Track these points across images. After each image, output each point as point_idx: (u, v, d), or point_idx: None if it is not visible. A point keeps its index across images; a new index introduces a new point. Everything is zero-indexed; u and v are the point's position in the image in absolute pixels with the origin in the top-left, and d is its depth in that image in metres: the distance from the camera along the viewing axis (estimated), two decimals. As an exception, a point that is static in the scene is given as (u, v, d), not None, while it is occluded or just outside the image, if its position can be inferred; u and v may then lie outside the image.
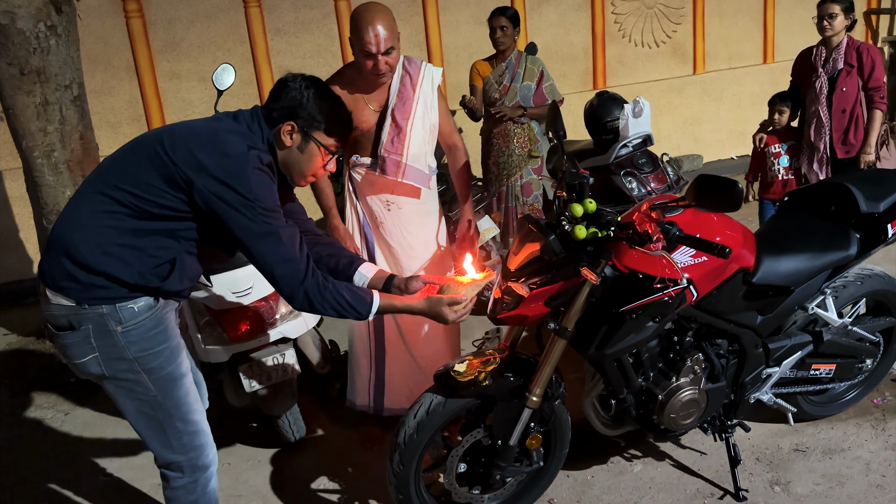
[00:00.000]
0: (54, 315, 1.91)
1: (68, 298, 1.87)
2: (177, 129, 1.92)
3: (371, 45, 2.54)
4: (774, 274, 2.48)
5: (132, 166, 1.87)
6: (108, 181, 1.87)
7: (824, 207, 2.71)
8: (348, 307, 1.97)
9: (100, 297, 1.87)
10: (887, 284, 2.83)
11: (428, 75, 2.81)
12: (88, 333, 1.89)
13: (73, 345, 1.91)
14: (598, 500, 2.67)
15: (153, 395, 1.98)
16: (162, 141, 1.85)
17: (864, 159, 3.95)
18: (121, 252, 1.86)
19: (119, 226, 1.85)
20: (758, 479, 2.68)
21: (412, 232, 2.94)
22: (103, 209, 1.85)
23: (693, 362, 2.46)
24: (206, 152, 1.82)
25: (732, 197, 1.86)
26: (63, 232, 1.88)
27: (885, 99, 3.93)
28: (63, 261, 1.86)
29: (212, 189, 1.80)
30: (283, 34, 5.74)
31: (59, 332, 1.92)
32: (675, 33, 6.85)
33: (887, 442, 2.82)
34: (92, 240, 1.85)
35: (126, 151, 1.93)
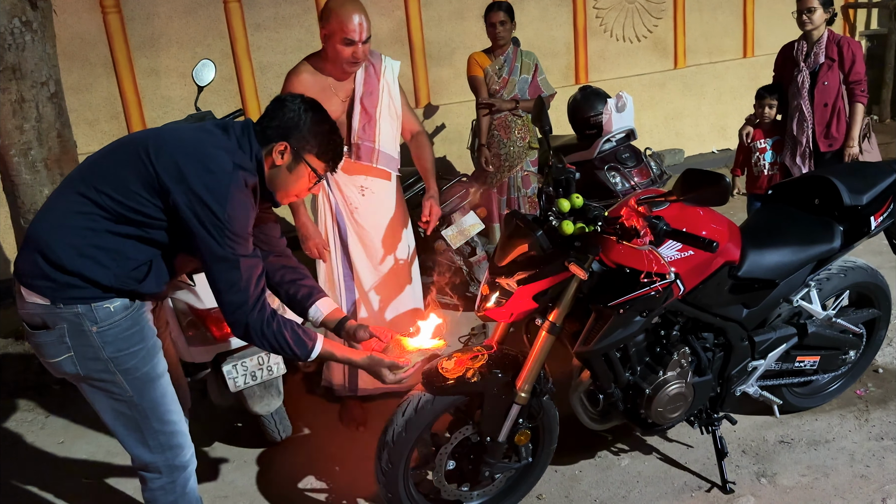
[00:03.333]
0: (29, 313, 1.88)
1: (43, 297, 1.85)
2: (164, 135, 1.91)
3: (355, 33, 2.69)
4: (759, 267, 2.49)
5: (113, 169, 1.85)
6: (87, 182, 1.85)
7: (808, 200, 2.72)
8: (287, 348, 1.96)
9: (75, 296, 1.84)
10: (870, 276, 2.86)
11: (389, 66, 2.98)
12: (63, 333, 1.87)
13: (47, 344, 1.89)
14: (586, 494, 2.67)
15: (129, 396, 1.96)
16: (147, 146, 1.83)
17: (849, 153, 3.99)
18: (96, 254, 1.84)
19: (95, 227, 1.83)
20: (744, 472, 2.70)
21: (385, 215, 3.09)
22: (80, 210, 1.83)
23: (680, 356, 2.47)
24: (190, 164, 1.80)
25: (719, 191, 1.86)
26: (39, 230, 1.86)
27: (865, 92, 3.97)
28: (38, 259, 1.83)
29: (187, 201, 1.79)
30: (264, 29, 5.68)
31: (34, 331, 1.90)
32: (656, 28, 6.87)
33: (870, 433, 2.84)
34: (68, 240, 1.83)
35: (108, 153, 1.92)
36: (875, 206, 2.62)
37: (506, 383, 2.29)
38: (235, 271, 1.85)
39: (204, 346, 2.76)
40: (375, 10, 5.85)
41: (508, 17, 4.25)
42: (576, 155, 4.14)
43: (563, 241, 2.17)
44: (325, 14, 2.78)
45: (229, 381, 2.79)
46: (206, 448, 3.17)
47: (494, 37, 4.30)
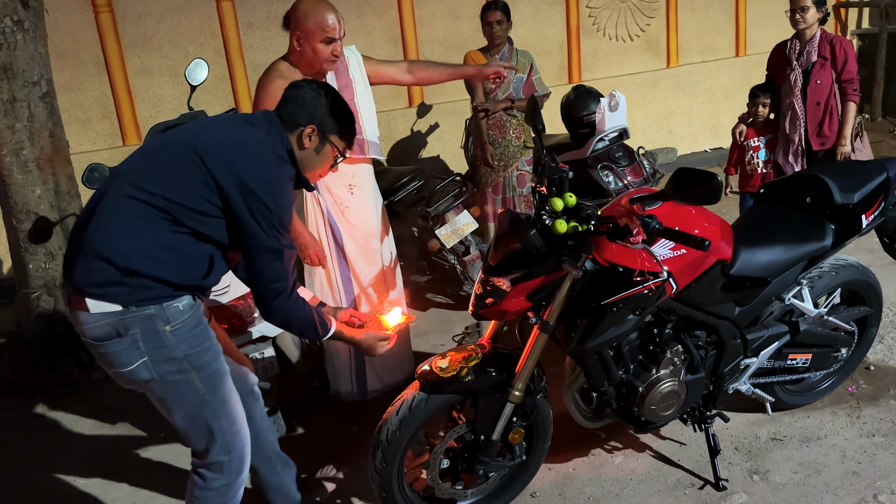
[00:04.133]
0: (97, 325, 1.87)
1: (114, 304, 1.86)
2: (212, 133, 1.98)
3: (335, 31, 2.73)
4: (752, 265, 2.50)
5: (165, 171, 1.89)
6: (139, 186, 1.87)
7: (800, 199, 2.74)
8: (314, 329, 2.09)
9: (147, 297, 1.87)
10: (861, 274, 2.87)
11: (352, 56, 3.04)
12: (136, 338, 1.88)
13: (120, 352, 1.89)
14: (579, 492, 2.68)
15: (202, 394, 1.99)
16: (194, 147, 1.89)
17: (841, 151, 4.01)
18: (162, 254, 1.88)
19: (157, 229, 1.87)
20: (737, 469, 2.71)
21: (373, 208, 3.13)
22: (139, 213, 1.86)
23: (672, 354, 2.48)
24: (241, 161, 1.88)
25: (712, 190, 1.87)
26: (100, 239, 1.86)
27: (858, 91, 3.99)
28: (105, 267, 1.84)
29: (241, 197, 1.86)
30: (256, 28, 5.67)
31: (103, 342, 1.88)
32: (648, 27, 6.89)
33: (862, 429, 2.86)
34: (134, 244, 1.86)
35: (153, 157, 1.96)
36: (866, 205, 2.63)
37: (500, 382, 2.29)
38: (280, 262, 1.94)
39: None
40: (368, 9, 5.85)
41: (505, 17, 4.26)
42: (569, 154, 4.14)
43: (556, 239, 2.17)
44: (297, 17, 2.74)
45: (223, 380, 2.78)
46: (200, 448, 3.17)
47: (491, 36, 4.31)
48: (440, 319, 4.21)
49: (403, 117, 6.05)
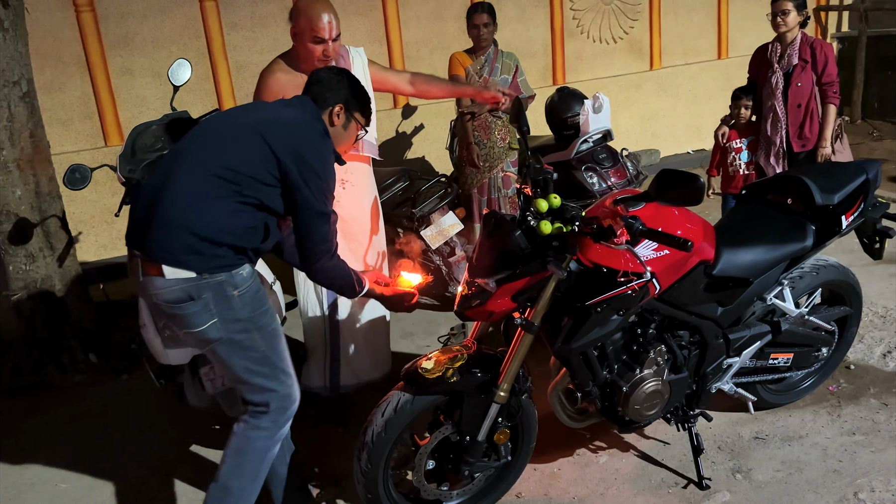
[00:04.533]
0: (171, 290, 2.09)
1: (189, 270, 2.08)
2: (265, 113, 2.24)
3: (324, 32, 2.76)
4: (734, 266, 2.53)
5: (231, 147, 2.14)
6: (208, 161, 2.11)
7: (781, 200, 2.77)
8: (351, 286, 2.36)
9: (218, 265, 2.10)
10: (841, 275, 2.91)
11: (357, 56, 3.07)
12: (208, 301, 2.10)
13: (194, 314, 2.11)
14: (564, 492, 2.69)
15: (263, 350, 2.22)
16: (255, 125, 2.15)
17: (822, 153, 4.06)
18: (233, 225, 2.11)
19: (229, 200, 2.09)
20: (720, 468, 2.73)
21: (365, 205, 3.16)
22: (211, 186, 2.08)
23: (656, 354, 2.49)
24: (298, 139, 2.15)
25: (694, 191, 1.89)
26: (180, 212, 2.07)
27: (838, 94, 4.04)
28: (186, 237, 2.06)
29: (297, 169, 2.11)
30: (240, 29, 5.64)
31: (178, 304, 2.10)
32: (632, 29, 6.93)
33: (843, 428, 2.89)
34: (210, 215, 2.08)
35: (217, 134, 2.20)
36: (846, 206, 2.66)
37: (485, 382, 2.30)
38: (327, 225, 2.21)
39: (180, 348, 2.73)
40: (353, 10, 5.84)
41: (492, 19, 4.28)
42: (553, 155, 4.17)
43: (541, 240, 2.18)
44: (294, 13, 2.85)
45: (206, 383, 2.77)
46: (184, 450, 3.15)
47: (478, 38, 4.33)
48: (425, 320, 4.20)
49: (389, 118, 6.04)
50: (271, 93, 2.95)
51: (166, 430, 3.32)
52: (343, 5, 6.03)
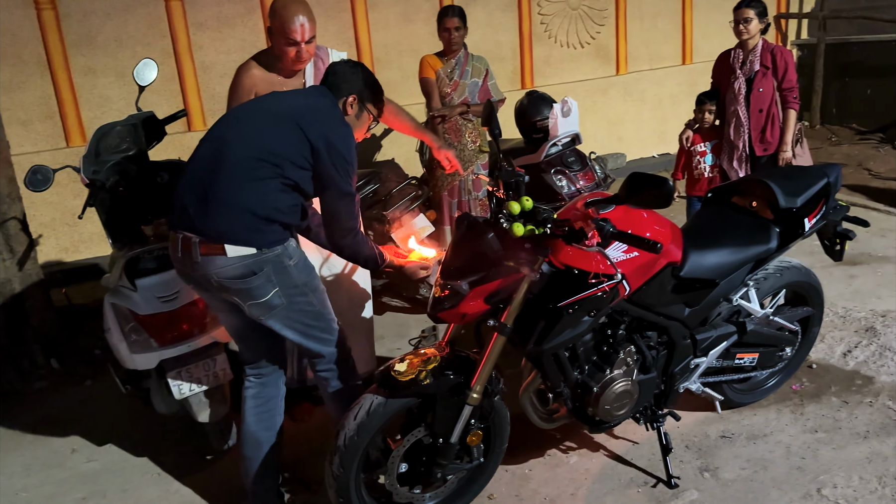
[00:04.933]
0: (233, 266, 2.26)
1: (250, 247, 2.27)
2: (297, 101, 2.40)
3: (296, 34, 2.74)
4: (700, 267, 2.57)
5: (274, 137, 2.29)
6: (253, 147, 2.27)
7: (746, 203, 2.82)
8: (373, 259, 2.53)
9: (274, 240, 2.31)
10: (804, 276, 2.98)
11: (336, 59, 3.00)
12: (270, 273, 2.30)
13: (258, 286, 2.30)
14: (535, 493, 2.70)
15: (317, 310, 2.45)
16: (295, 118, 2.30)
17: (783, 157, 4.16)
18: (280, 203, 2.30)
19: (275, 181, 2.27)
20: (688, 466, 2.77)
21: None
22: (259, 168, 2.25)
23: (625, 354, 2.53)
24: (328, 126, 2.33)
25: (664, 194, 1.91)
26: (238, 193, 2.24)
27: (798, 99, 4.14)
28: (246, 216, 2.25)
29: (328, 153, 2.28)
30: (206, 29, 5.58)
31: (243, 279, 2.27)
32: (598, 35, 7.02)
33: (805, 426, 2.96)
34: (263, 196, 2.26)
35: (255, 122, 2.34)
36: (808, 209, 2.73)
37: (458, 385, 2.30)
38: (352, 204, 2.40)
39: (147, 352, 2.69)
40: (320, 11, 5.72)
41: (462, 23, 4.29)
42: (523, 158, 4.19)
43: (513, 242, 2.20)
44: (270, 12, 2.84)
45: (173, 388, 2.73)
46: (149, 456, 3.09)
47: (449, 41, 4.33)
48: (396, 323, 4.20)
49: (357, 121, 6.02)
50: (244, 90, 2.94)
51: (131, 436, 3.26)
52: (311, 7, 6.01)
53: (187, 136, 5.44)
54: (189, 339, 2.72)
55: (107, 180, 3.27)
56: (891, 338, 3.53)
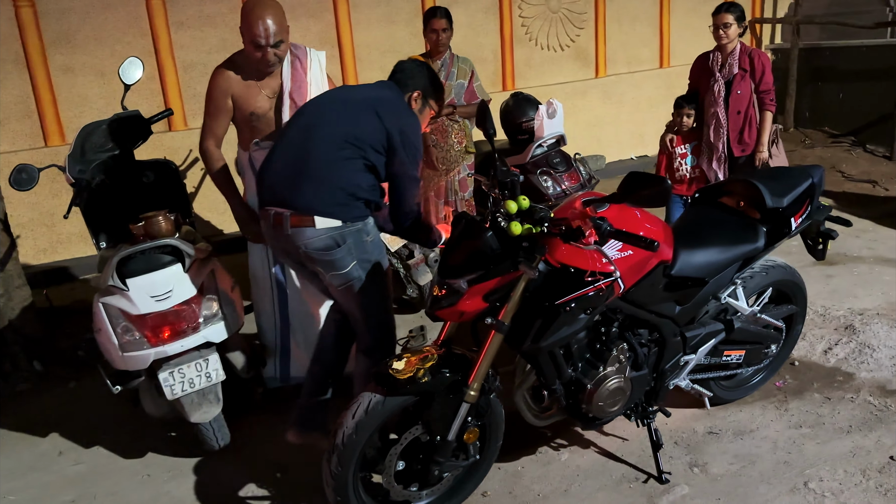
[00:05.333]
0: (320, 238, 2.51)
1: (337, 220, 2.51)
2: (378, 96, 2.62)
3: (261, 38, 2.79)
4: (691, 266, 2.62)
5: (354, 120, 2.53)
6: (339, 131, 2.51)
7: (733, 203, 2.88)
8: (430, 237, 2.81)
9: (357, 215, 2.56)
10: (789, 275, 3.04)
11: (315, 59, 3.10)
12: (351, 246, 2.54)
13: (340, 258, 2.55)
14: (528, 490, 2.73)
15: (384, 287, 2.68)
16: (374, 107, 2.55)
17: (760, 157, 4.26)
18: (363, 181, 2.55)
19: (357, 162, 2.53)
20: (677, 462, 2.82)
21: None
22: (345, 150, 2.50)
23: (618, 352, 2.56)
24: (403, 116, 2.58)
25: (662, 192, 1.95)
26: (329, 171, 2.50)
27: (774, 101, 4.26)
28: (335, 192, 2.50)
29: (401, 140, 2.52)
30: (187, 28, 5.53)
31: (328, 251, 2.53)
32: (578, 38, 7.08)
33: (790, 421, 3.02)
34: (350, 175, 2.52)
35: (339, 109, 2.58)
36: (794, 209, 2.79)
37: (455, 382, 2.31)
38: (417, 189, 2.64)
39: (140, 352, 2.67)
40: (303, 12, 5.79)
41: (449, 25, 4.32)
42: (509, 159, 4.22)
43: (510, 241, 2.22)
44: (241, 13, 2.88)
45: (166, 388, 2.71)
46: (139, 458, 3.06)
47: (436, 42, 4.35)
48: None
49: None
50: (220, 90, 2.95)
51: (119, 438, 3.22)
52: (294, 7, 5.99)
53: (168, 136, 5.40)
54: (182, 339, 2.70)
55: (92, 179, 3.24)
56: (869, 335, 3.61)
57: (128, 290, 2.67)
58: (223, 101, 2.96)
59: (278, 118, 2.99)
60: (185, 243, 2.78)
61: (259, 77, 2.96)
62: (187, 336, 2.71)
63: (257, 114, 2.97)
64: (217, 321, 2.80)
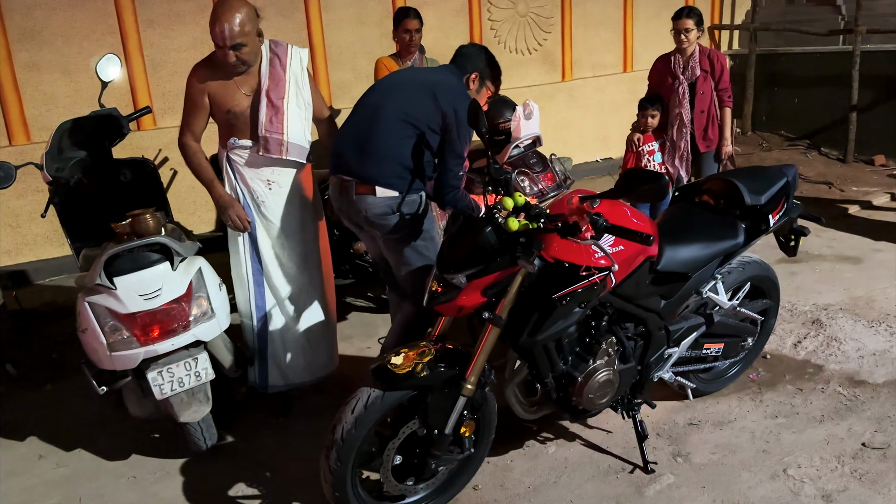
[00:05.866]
0: (379, 205, 2.82)
1: (395, 191, 2.81)
2: (436, 80, 2.91)
3: (220, 40, 2.81)
4: (675, 261, 2.70)
5: (415, 105, 2.81)
6: (402, 111, 2.80)
7: (713, 201, 2.98)
8: (473, 208, 2.98)
9: (413, 188, 2.84)
10: (764, 270, 3.16)
11: (296, 56, 3.08)
12: (405, 215, 2.84)
13: (396, 226, 2.84)
14: (518, 482, 2.77)
15: (431, 254, 2.86)
16: (432, 89, 2.83)
17: (725, 151, 4.56)
18: (419, 158, 2.82)
19: (414, 139, 2.80)
20: (661, 453, 2.90)
21: (294, 210, 3.14)
22: (406, 129, 2.79)
23: (607, 345, 2.63)
24: (458, 98, 2.81)
25: (660, 188, 2.02)
26: (390, 147, 2.80)
27: (731, 98, 4.54)
28: (395, 165, 2.79)
29: (454, 119, 2.78)
30: (157, 26, 5.45)
31: (384, 217, 2.83)
32: (545, 42, 7.19)
33: (766, 412, 3.13)
34: (408, 150, 2.80)
35: (403, 91, 2.88)
36: (772, 206, 2.90)
37: (453, 376, 2.34)
38: (461, 166, 2.88)
39: (129, 351, 2.63)
40: (275, 11, 5.75)
41: (421, 25, 4.37)
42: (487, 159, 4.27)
43: (507, 237, 2.26)
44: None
45: (155, 388, 2.68)
46: (124, 460, 3.02)
47: (409, 43, 4.39)
48: (363, 323, 4.21)
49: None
50: (197, 88, 2.95)
51: (101, 440, 3.17)
52: (265, 6, 5.94)
53: (136, 136, 5.28)
54: (173, 337, 2.67)
55: (70, 178, 3.19)
56: (836, 329, 3.77)
57: (115, 289, 2.63)
58: (200, 98, 2.94)
59: (254, 117, 2.97)
60: (174, 241, 2.75)
61: (237, 75, 2.95)
62: (178, 335, 2.69)
63: (234, 112, 2.96)
64: (207, 319, 2.78)
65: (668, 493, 2.67)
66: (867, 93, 6.98)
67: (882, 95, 7.04)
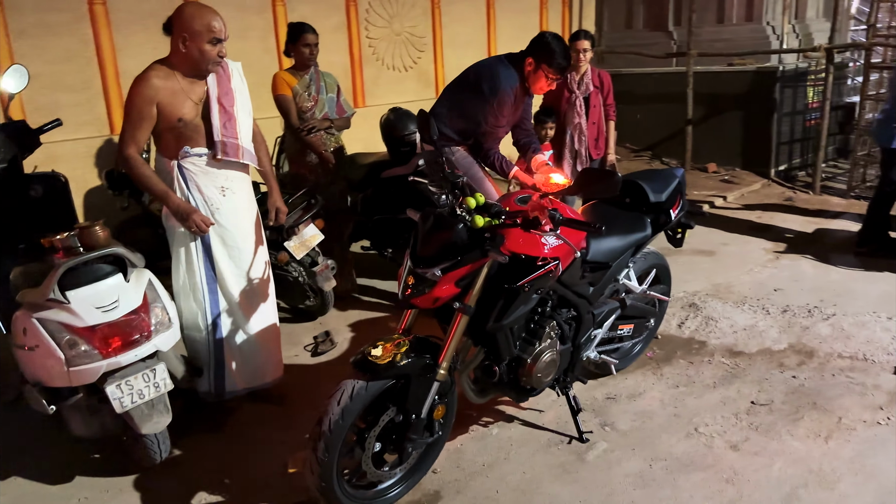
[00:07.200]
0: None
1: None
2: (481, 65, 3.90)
3: (221, 32, 2.94)
4: (600, 252, 3.07)
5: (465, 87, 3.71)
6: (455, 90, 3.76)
7: (622, 199, 3.40)
8: (503, 168, 3.86)
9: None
10: (660, 259, 3.63)
11: (235, 69, 3.22)
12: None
13: None
14: (473, 462, 3.01)
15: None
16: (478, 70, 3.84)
17: (610, 160, 5.13)
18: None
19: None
20: (590, 424, 3.24)
21: (245, 215, 3.24)
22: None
23: (550, 328, 2.93)
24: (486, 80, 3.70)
25: (613, 184, 2.36)
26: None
27: (615, 113, 5.09)
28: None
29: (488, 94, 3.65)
30: (28, 37, 5.12)
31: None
32: (419, 60, 7.52)
33: (668, 383, 3.59)
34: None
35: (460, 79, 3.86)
36: (671, 202, 3.37)
37: (427, 364, 2.54)
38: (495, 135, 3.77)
39: (90, 364, 2.58)
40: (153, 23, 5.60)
41: (318, 40, 4.56)
42: (396, 169, 4.48)
43: (474, 232, 2.51)
44: (183, 19, 2.92)
45: (114, 402, 2.64)
46: (68, 483, 2.91)
47: (308, 57, 4.54)
48: (285, 332, 4.21)
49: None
50: (145, 98, 2.94)
51: (39, 464, 3.02)
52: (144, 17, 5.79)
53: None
54: (136, 348, 2.65)
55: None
56: (710, 310, 4.36)
57: (69, 303, 2.58)
58: (147, 109, 2.93)
59: (206, 124, 3.02)
60: (129, 252, 2.72)
61: (186, 84, 2.99)
62: (140, 345, 2.67)
63: (185, 120, 2.99)
64: (166, 329, 2.78)
65: (605, 456, 3.02)
66: (699, 108, 7.95)
67: (711, 110, 8.05)
